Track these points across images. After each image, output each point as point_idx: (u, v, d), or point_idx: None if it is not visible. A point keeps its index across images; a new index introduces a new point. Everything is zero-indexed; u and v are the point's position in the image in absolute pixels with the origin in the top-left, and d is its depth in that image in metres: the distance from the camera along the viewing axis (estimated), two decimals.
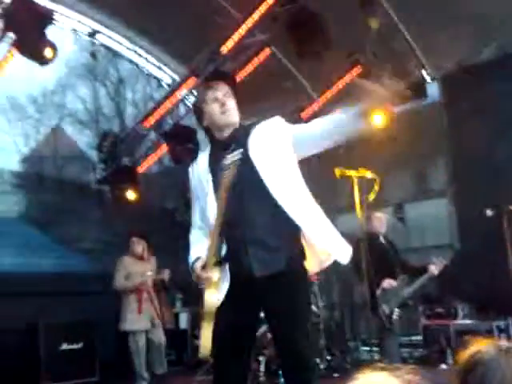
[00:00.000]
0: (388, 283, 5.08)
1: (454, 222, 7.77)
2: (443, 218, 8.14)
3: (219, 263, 2.65)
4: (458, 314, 6.32)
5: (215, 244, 2.62)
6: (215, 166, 2.70)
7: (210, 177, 2.72)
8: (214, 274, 2.65)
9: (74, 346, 7.08)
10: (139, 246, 6.19)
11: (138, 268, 6.13)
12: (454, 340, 5.85)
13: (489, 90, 7.22)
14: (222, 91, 2.77)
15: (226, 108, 2.72)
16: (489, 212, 5.09)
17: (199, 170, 2.79)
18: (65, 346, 7.02)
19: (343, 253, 2.61)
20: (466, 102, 7.50)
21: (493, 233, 5.09)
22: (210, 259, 2.65)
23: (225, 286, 2.61)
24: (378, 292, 5.05)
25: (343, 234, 2.71)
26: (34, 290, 7.21)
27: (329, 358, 6.61)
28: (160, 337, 6.18)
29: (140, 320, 6.02)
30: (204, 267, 2.66)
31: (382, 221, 5.47)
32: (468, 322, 6.18)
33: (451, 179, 8.04)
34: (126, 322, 6.05)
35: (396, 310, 5.03)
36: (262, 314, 2.77)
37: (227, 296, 2.59)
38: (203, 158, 2.82)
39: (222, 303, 2.60)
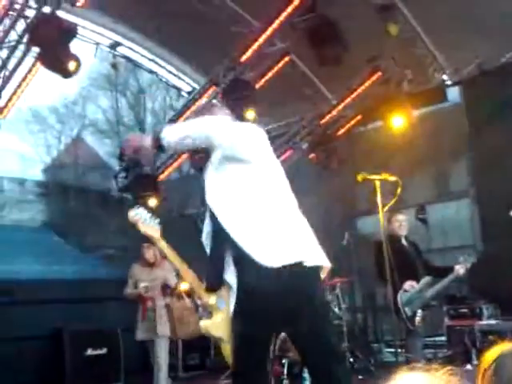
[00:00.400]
0: (409, 285, 5.06)
1: (477, 222, 7.74)
2: (465, 219, 8.11)
3: (216, 285, 2.77)
4: (482, 314, 6.26)
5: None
6: None
7: None
8: (211, 299, 2.81)
9: (99, 352, 7.14)
10: (149, 252, 6.03)
11: (147, 275, 5.89)
12: (479, 340, 5.79)
13: (510, 91, 7.19)
14: (217, 114, 2.83)
15: None
16: None
17: None
18: (90, 352, 7.09)
19: (268, 257, 2.52)
20: (487, 104, 7.47)
21: None
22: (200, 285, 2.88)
23: (232, 301, 2.67)
24: (400, 294, 5.04)
25: (364, 237, 2.72)
26: (59, 297, 7.29)
27: (352, 360, 6.61)
28: (158, 349, 5.70)
29: (143, 330, 5.79)
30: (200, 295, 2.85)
31: (402, 223, 5.45)
32: (493, 322, 6.11)
33: (473, 180, 8.00)
34: (135, 330, 5.87)
35: (419, 311, 5.00)
36: None
37: (236, 310, 2.65)
38: None
39: (235, 317, 2.66)
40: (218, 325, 2.84)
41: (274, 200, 2.62)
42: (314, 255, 2.61)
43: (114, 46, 8.99)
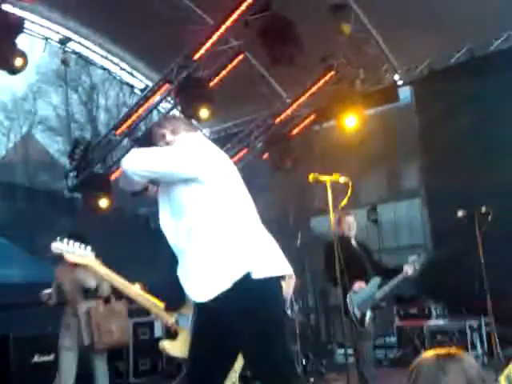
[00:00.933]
0: (358, 286, 5.06)
1: (427, 222, 7.88)
2: (417, 218, 8.26)
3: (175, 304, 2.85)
4: (431, 314, 6.36)
5: None
6: None
7: None
8: (170, 318, 2.95)
9: (46, 358, 6.90)
10: None
11: (68, 277, 5.07)
12: (428, 340, 5.87)
13: (459, 92, 7.33)
14: (168, 128, 2.77)
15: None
16: (460, 213, 5.10)
17: None
18: (36, 359, 6.85)
19: (198, 293, 2.51)
20: (438, 104, 7.61)
21: (465, 233, 5.12)
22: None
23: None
24: (349, 295, 5.04)
25: (317, 237, 2.66)
26: (4, 301, 7.01)
27: (304, 362, 6.61)
28: (92, 361, 5.08)
29: (68, 337, 5.10)
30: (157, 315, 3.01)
31: (351, 224, 5.46)
32: (441, 322, 6.21)
33: (423, 180, 8.14)
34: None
35: (368, 312, 5.02)
36: None
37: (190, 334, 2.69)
38: None
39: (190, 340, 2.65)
40: (178, 344, 2.79)
41: (224, 218, 2.52)
42: (266, 267, 2.48)
43: (64, 41, 8.72)
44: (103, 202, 8.13)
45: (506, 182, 6.69)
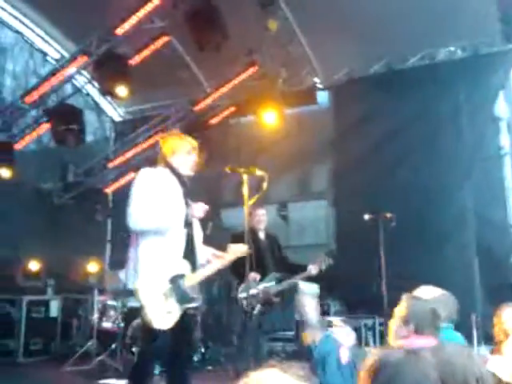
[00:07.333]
0: (252, 277, 4.96)
1: (332, 223, 8.11)
2: (322, 219, 8.48)
3: None
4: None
5: None
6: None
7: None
8: None
9: None
10: None
11: None
12: None
13: (375, 102, 7.61)
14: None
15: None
16: (366, 216, 5.28)
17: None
18: None
19: None
20: (354, 111, 7.85)
21: (368, 236, 5.30)
22: None
23: None
24: (242, 286, 4.98)
25: (227, 229, 2.68)
26: None
27: (203, 350, 6.60)
28: None
29: None
30: None
31: (260, 217, 5.50)
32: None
33: (331, 183, 8.37)
34: None
35: (258, 306, 4.95)
36: None
37: None
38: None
39: None
40: None
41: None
42: None
43: None
44: (4, 172, 7.67)
45: (410, 188, 7.01)
